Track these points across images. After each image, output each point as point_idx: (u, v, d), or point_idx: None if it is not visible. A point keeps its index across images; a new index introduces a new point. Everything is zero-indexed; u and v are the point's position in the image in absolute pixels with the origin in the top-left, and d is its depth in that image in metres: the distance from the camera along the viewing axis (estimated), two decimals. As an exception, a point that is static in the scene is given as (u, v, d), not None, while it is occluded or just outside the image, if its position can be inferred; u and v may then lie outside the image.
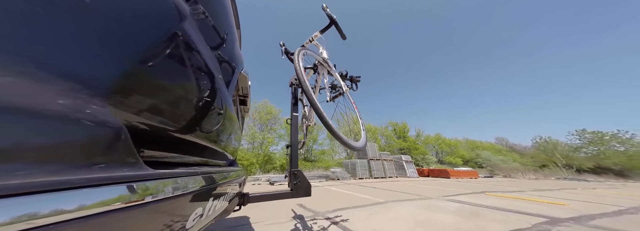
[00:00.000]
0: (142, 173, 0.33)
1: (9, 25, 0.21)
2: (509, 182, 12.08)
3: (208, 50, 0.62)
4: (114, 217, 0.26)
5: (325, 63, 2.05)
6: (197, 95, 0.54)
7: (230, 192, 0.80)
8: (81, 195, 0.23)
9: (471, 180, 13.18)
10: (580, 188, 9.36)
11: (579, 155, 28.49)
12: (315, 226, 2.56)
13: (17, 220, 0.18)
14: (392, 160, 16.12)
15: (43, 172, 0.21)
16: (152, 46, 0.37)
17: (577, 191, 7.65)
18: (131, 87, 0.34)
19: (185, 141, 0.56)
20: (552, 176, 20.87)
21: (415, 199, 4.93)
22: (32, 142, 0.21)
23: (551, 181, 14.43)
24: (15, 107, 0.20)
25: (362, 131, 2.02)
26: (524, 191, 7.05)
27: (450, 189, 7.32)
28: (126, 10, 0.33)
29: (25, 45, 0.22)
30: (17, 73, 0.21)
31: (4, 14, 0.21)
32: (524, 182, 12.26)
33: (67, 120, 0.24)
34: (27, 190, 0.19)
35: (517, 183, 11.69)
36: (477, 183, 10.52)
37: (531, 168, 26.12)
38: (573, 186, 9.63)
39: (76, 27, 0.26)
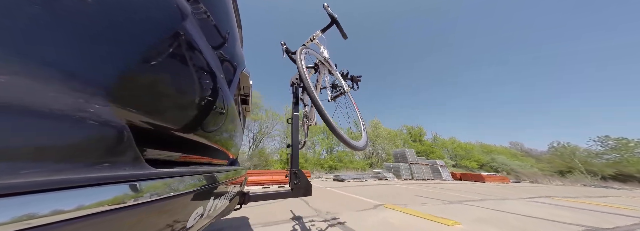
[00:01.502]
0: (145, 172, 0.33)
1: (11, 25, 0.21)
2: (546, 188, 12.24)
3: (209, 49, 0.62)
4: (116, 216, 0.26)
5: (326, 62, 2.04)
6: (199, 95, 0.54)
7: (231, 191, 0.80)
8: (84, 194, 0.23)
9: (507, 185, 13.18)
10: (623, 195, 9.39)
11: (599, 161, 27.76)
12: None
13: (19, 219, 0.18)
14: (428, 165, 16.99)
15: (46, 171, 0.21)
16: (154, 45, 0.37)
17: (627, 199, 7.73)
18: (133, 86, 0.34)
19: (187, 140, 0.56)
20: (577, 183, 20.49)
21: (505, 199, 5.91)
22: (34, 141, 0.21)
23: (580, 188, 14.50)
24: (18, 106, 0.20)
25: (363, 131, 2.01)
26: (579, 198, 7.33)
27: (510, 192, 8.05)
28: (128, 9, 0.33)
29: (27, 45, 0.22)
30: (19, 72, 0.21)
31: (6, 13, 0.21)
32: (559, 188, 12.36)
33: (70, 120, 0.24)
34: (29, 189, 0.19)
35: (555, 189, 11.64)
36: (522, 188, 10.83)
37: (549, 174, 25.74)
38: (612, 194, 9.65)
39: (78, 26, 0.26)
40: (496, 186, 11.03)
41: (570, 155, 29.94)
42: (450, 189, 8.41)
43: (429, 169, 16.60)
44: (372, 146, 25.85)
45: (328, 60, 2.05)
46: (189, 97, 0.50)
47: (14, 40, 0.21)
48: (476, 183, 13.42)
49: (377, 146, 26.19)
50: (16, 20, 0.21)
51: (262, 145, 22.33)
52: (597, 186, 17.31)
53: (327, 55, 2.05)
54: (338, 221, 3.15)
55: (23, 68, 0.21)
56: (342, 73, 2.19)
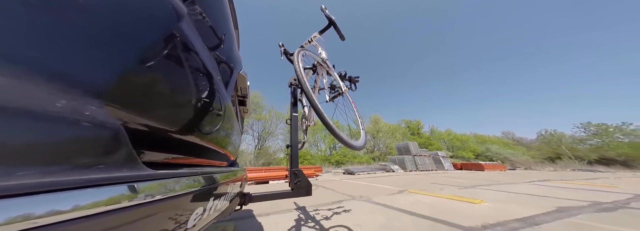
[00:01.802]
0: (142, 173, 0.33)
1: (7, 25, 0.21)
2: (541, 173, 12.85)
3: (206, 50, 0.62)
4: (113, 218, 0.26)
5: (324, 63, 2.05)
6: (196, 96, 0.54)
7: (231, 192, 0.80)
8: (80, 196, 0.23)
9: (505, 173, 13.76)
10: (610, 177, 10.12)
11: (583, 146, 29.00)
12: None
13: (15, 221, 0.18)
14: (430, 156, 17.91)
15: (42, 172, 0.21)
16: (150, 47, 0.38)
17: (614, 180, 8.41)
18: (129, 87, 0.34)
19: (185, 142, 0.56)
20: (567, 168, 21.57)
21: (511, 183, 6.57)
22: (30, 142, 0.21)
23: (570, 172, 15.19)
24: (14, 107, 0.20)
25: (362, 131, 2.02)
26: (575, 181, 7.75)
27: (511, 178, 8.58)
28: (123, 10, 0.33)
29: (23, 46, 0.22)
30: (15, 73, 0.21)
31: (3, 14, 0.21)
32: (552, 173, 12.96)
33: (66, 121, 0.24)
34: (25, 191, 0.19)
35: (549, 174, 12.17)
36: (520, 174, 11.56)
37: (539, 161, 26.66)
38: (600, 177, 10.27)
39: (74, 27, 0.26)
40: (497, 174, 11.79)
41: (557, 142, 31.04)
42: (457, 177, 9.06)
43: (432, 160, 17.46)
44: (374, 140, 26.36)
45: (326, 61, 2.05)
46: (186, 98, 0.50)
47: (11, 42, 0.21)
48: (476, 172, 14.22)
49: (379, 140, 26.76)
50: (12, 21, 0.21)
51: (268, 144, 22.88)
52: (584, 170, 18.29)
53: (325, 56, 2.06)
54: (376, 201, 3.62)
55: (18, 70, 0.21)
56: (340, 74, 2.19)
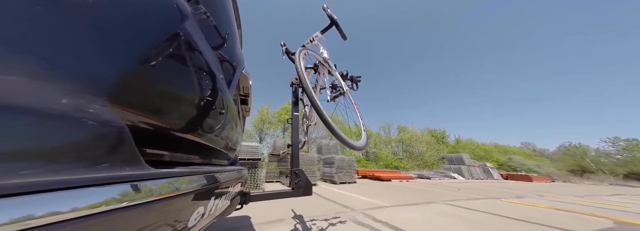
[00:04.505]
0: (145, 172, 0.33)
1: (11, 25, 0.21)
2: (588, 187, 13.38)
3: (209, 50, 0.62)
4: (116, 216, 0.26)
5: (325, 63, 2.05)
6: (198, 95, 0.54)
7: (232, 191, 0.80)
8: (83, 195, 0.23)
9: (556, 184, 14.67)
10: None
11: (609, 160, 29.89)
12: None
13: (18, 220, 0.18)
14: (480, 166, 19.07)
15: (45, 171, 0.21)
16: (154, 46, 0.38)
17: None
18: (133, 86, 0.34)
19: (187, 140, 0.56)
20: (604, 182, 22.60)
21: (597, 195, 7.24)
22: (34, 141, 0.21)
23: (612, 187, 15.83)
24: (18, 106, 0.21)
25: (363, 131, 2.01)
26: (631, 195, 8.37)
27: (573, 190, 9.28)
28: (128, 10, 0.33)
29: (27, 45, 0.22)
30: (19, 72, 0.21)
31: (6, 13, 0.21)
32: (597, 187, 13.38)
33: (69, 120, 0.24)
34: (29, 190, 0.19)
35: (596, 188, 12.47)
36: (572, 187, 12.17)
37: (566, 173, 27.64)
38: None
39: (78, 26, 0.26)
40: (550, 186, 12.24)
41: (581, 154, 31.82)
42: (519, 188, 9.38)
43: (482, 170, 18.65)
44: (412, 148, 28.41)
45: (328, 60, 2.05)
46: (188, 97, 0.51)
47: (13, 40, 0.21)
48: (527, 182, 15.04)
49: (414, 148, 28.57)
50: (15, 20, 0.21)
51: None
52: (621, 185, 18.98)
53: (327, 55, 2.06)
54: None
55: (22, 68, 0.21)
56: (341, 74, 2.19)
